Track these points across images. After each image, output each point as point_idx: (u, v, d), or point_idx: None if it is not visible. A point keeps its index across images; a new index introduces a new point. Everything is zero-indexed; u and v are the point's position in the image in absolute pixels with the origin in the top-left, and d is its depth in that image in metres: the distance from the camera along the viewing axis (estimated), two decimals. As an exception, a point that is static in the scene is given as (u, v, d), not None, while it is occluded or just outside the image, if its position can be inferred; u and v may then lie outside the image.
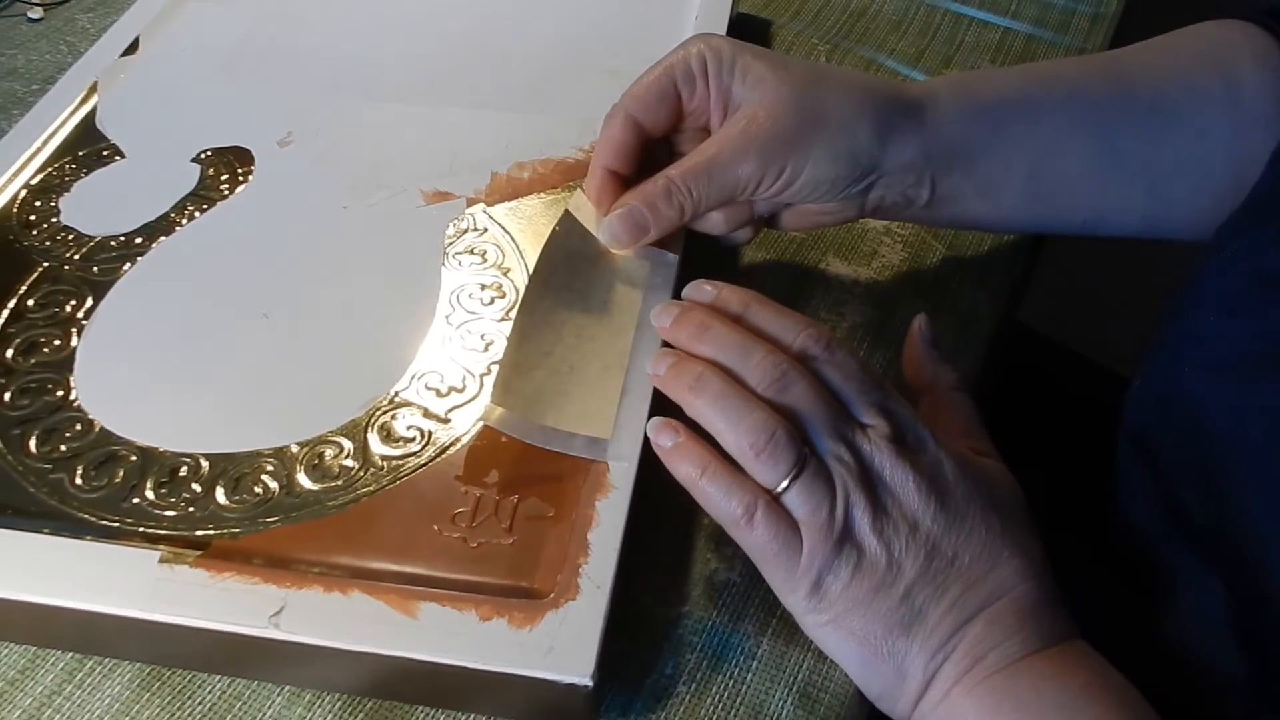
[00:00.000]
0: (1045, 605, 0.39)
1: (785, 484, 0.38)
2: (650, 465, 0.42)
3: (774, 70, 0.45)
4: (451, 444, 0.44)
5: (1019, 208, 0.49)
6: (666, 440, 0.40)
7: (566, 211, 0.49)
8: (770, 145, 0.44)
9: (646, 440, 0.42)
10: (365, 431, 0.44)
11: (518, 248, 0.52)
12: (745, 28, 0.72)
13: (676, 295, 0.48)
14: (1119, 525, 0.48)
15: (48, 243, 0.52)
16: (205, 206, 0.54)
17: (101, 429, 0.44)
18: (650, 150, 0.48)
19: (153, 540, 0.40)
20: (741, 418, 0.39)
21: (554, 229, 0.49)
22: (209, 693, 0.41)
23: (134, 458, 0.43)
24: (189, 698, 0.40)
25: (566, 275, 0.48)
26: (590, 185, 0.48)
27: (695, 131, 0.49)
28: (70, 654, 0.41)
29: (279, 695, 0.41)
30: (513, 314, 0.48)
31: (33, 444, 0.43)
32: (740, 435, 0.38)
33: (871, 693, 0.39)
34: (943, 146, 0.47)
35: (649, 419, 0.42)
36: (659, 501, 0.43)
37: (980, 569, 0.38)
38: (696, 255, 0.51)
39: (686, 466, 0.39)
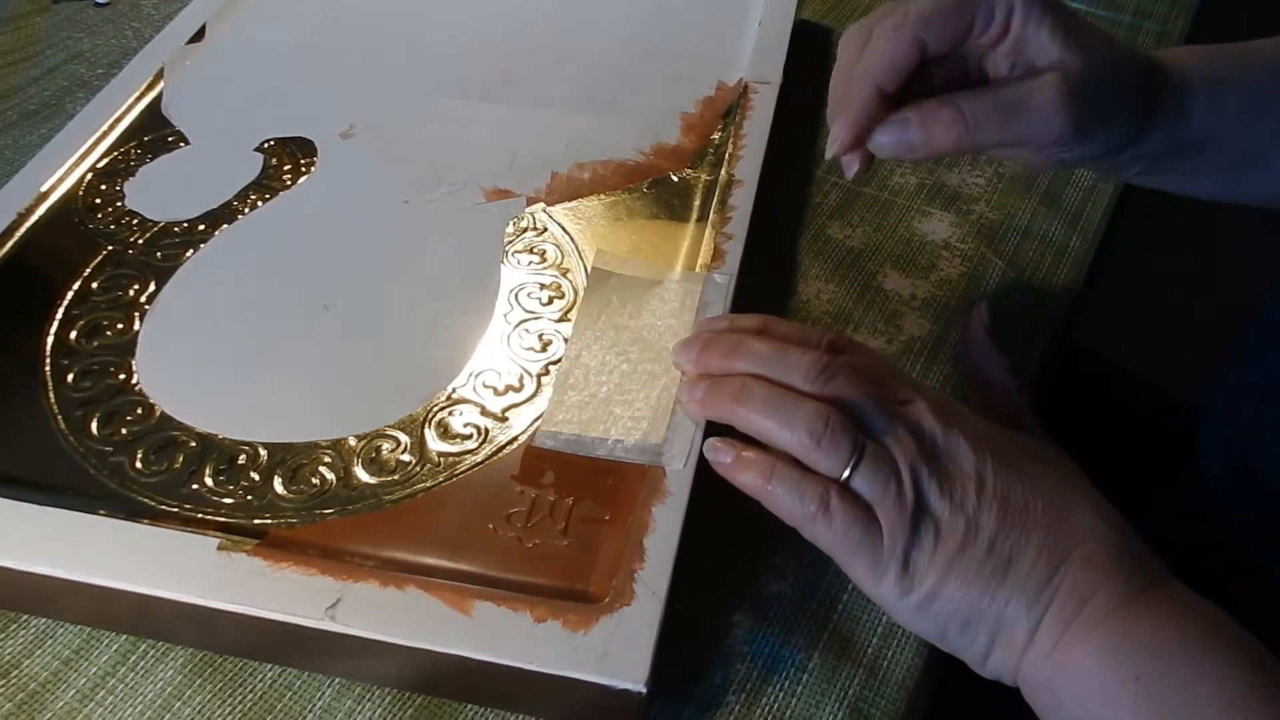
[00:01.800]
0: (1136, 546, 0.38)
1: (849, 470, 0.38)
2: (704, 473, 0.42)
3: (1081, 35, 0.43)
4: (508, 443, 0.44)
5: (1233, 184, 0.48)
6: (726, 456, 0.40)
7: (594, 268, 0.50)
8: (1081, 111, 0.42)
9: (699, 447, 0.42)
10: (423, 427, 0.44)
11: (577, 248, 0.52)
12: (806, 34, 0.71)
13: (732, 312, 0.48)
14: (1197, 525, 0.48)
15: (112, 226, 0.52)
16: (268, 196, 0.54)
17: (162, 414, 0.44)
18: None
19: (211, 527, 0.41)
20: (794, 413, 0.39)
21: (586, 289, 0.49)
22: (260, 681, 0.41)
23: (193, 444, 0.43)
24: (240, 685, 0.41)
25: (613, 317, 0.48)
26: (854, 100, 0.43)
27: (956, 62, 0.45)
28: (124, 636, 0.42)
29: (329, 687, 0.41)
30: (571, 315, 0.48)
31: (94, 426, 0.44)
32: (796, 429, 0.38)
33: (975, 657, 0.38)
34: (1183, 140, 0.45)
35: (703, 424, 0.43)
36: (711, 509, 0.43)
37: (1056, 513, 0.38)
38: (754, 270, 0.51)
39: (752, 475, 0.39)
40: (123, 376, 0.46)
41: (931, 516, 0.38)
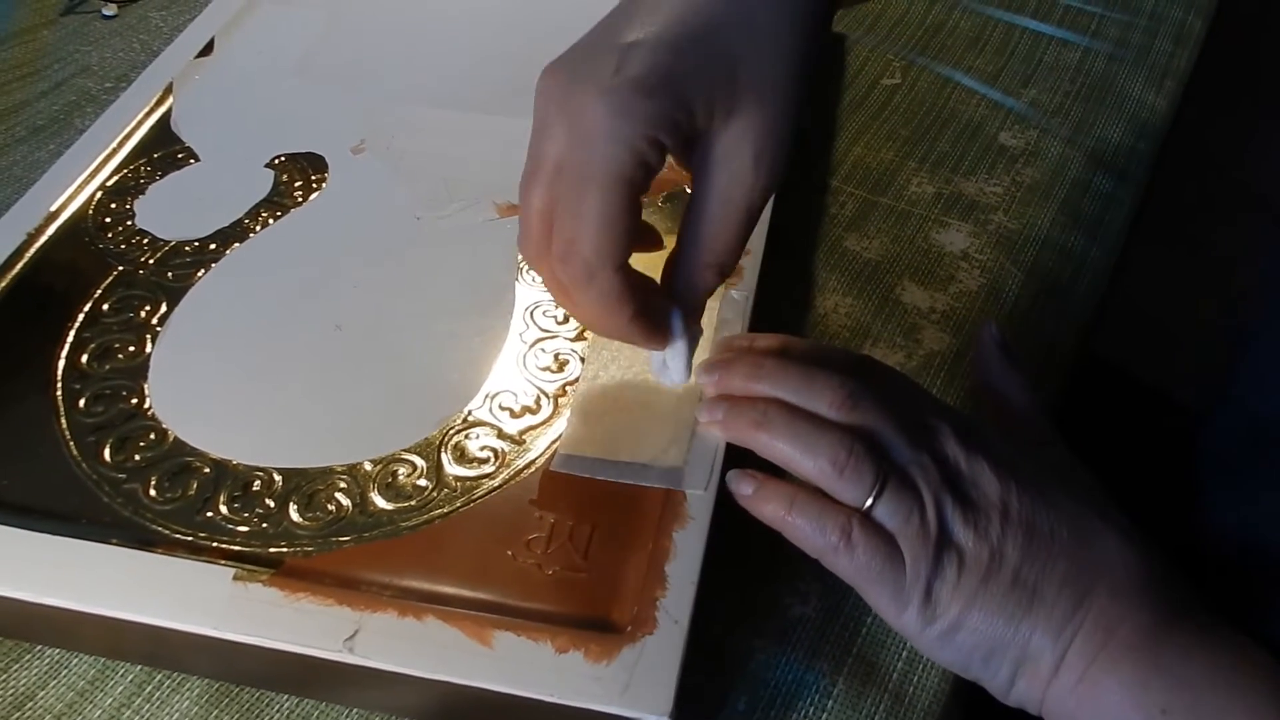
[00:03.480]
0: (1163, 572, 0.37)
1: (872, 499, 0.37)
2: (725, 495, 0.41)
3: None
4: (526, 467, 0.43)
5: None
6: (747, 488, 0.39)
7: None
8: None
9: (720, 470, 0.41)
10: (439, 451, 0.43)
11: (592, 265, 0.51)
12: (819, 41, 0.71)
13: (750, 329, 0.47)
14: (1204, 557, 0.47)
15: (122, 246, 0.51)
16: (279, 213, 0.53)
17: (175, 439, 0.44)
18: None
19: (225, 556, 0.40)
20: (815, 440, 0.38)
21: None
22: (277, 712, 0.40)
23: (207, 470, 0.43)
24: (257, 716, 0.40)
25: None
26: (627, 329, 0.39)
27: None
28: (140, 667, 0.41)
29: (347, 717, 0.40)
30: (588, 334, 0.48)
31: (107, 452, 0.43)
32: (819, 457, 0.38)
33: (999, 687, 0.37)
34: None
35: (724, 447, 0.42)
36: (732, 532, 0.42)
37: (1081, 540, 0.37)
38: (771, 285, 0.51)
39: (772, 506, 0.38)
40: (135, 401, 0.45)
41: (955, 546, 0.37)
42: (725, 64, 0.35)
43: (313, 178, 0.55)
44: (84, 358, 0.47)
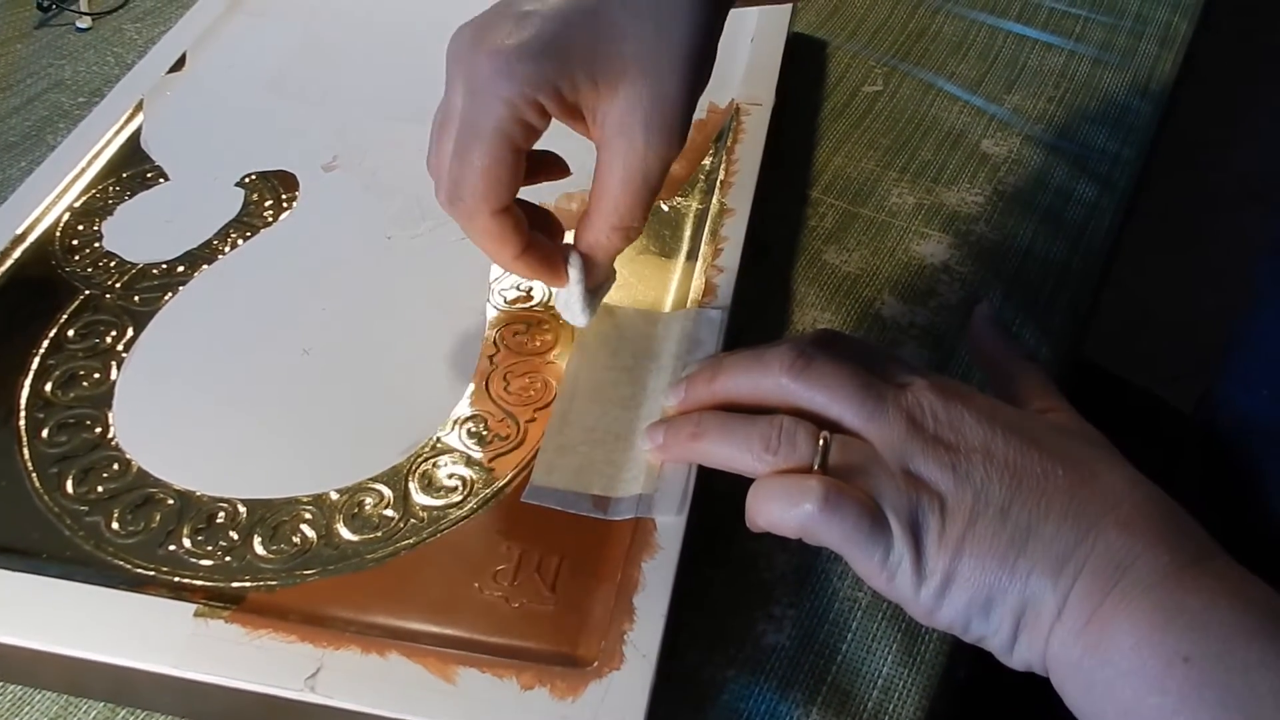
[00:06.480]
0: (1179, 514, 0.35)
1: (818, 460, 0.36)
2: (695, 522, 0.41)
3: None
4: (494, 495, 0.42)
5: None
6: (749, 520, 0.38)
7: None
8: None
9: (692, 496, 0.41)
10: (406, 479, 0.43)
11: (565, 284, 0.50)
12: (800, 47, 0.70)
13: (725, 347, 0.46)
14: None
15: (89, 269, 0.51)
16: (248, 234, 0.53)
17: (139, 469, 0.43)
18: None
19: (188, 590, 0.39)
20: (747, 432, 0.38)
21: (576, 333, 0.47)
22: (242, 748, 0.40)
23: (171, 501, 0.42)
24: (222, 752, 0.40)
25: (604, 361, 0.46)
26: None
27: None
28: (103, 703, 0.41)
29: (313, 753, 0.40)
30: (557, 358, 0.47)
31: (70, 484, 0.43)
32: (752, 445, 0.38)
33: (1001, 644, 0.35)
34: None
35: (694, 472, 0.41)
36: (703, 558, 0.42)
37: (1082, 478, 0.35)
38: (748, 300, 0.50)
39: (764, 509, 0.37)
40: (99, 430, 0.44)
41: (934, 492, 0.35)
42: (610, 38, 0.38)
43: (283, 196, 0.55)
44: (48, 386, 0.46)
